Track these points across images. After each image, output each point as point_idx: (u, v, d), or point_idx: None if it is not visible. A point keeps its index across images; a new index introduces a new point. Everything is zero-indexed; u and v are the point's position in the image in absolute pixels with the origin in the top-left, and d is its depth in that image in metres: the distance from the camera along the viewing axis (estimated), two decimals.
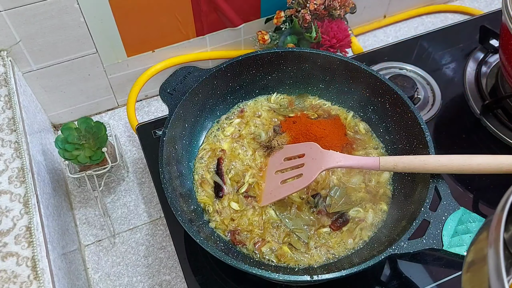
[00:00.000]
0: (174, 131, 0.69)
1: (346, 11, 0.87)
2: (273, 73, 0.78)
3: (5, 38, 0.75)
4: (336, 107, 0.79)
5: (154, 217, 0.84)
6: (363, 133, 0.76)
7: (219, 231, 0.67)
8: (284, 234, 0.66)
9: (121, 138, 0.93)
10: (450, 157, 0.58)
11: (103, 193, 0.86)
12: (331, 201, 0.67)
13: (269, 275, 0.55)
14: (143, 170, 0.89)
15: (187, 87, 0.71)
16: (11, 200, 0.62)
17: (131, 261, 0.79)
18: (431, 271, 0.68)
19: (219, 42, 0.95)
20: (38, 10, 0.73)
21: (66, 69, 0.85)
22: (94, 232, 0.82)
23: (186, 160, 0.72)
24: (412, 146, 0.69)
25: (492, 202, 0.76)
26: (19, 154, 0.66)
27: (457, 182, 0.78)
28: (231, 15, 0.89)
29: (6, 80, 0.74)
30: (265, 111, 0.79)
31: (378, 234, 0.66)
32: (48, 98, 0.89)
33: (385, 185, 0.71)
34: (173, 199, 0.60)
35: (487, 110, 0.81)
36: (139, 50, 0.88)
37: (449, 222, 0.58)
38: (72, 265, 0.71)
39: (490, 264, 0.35)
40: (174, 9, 0.83)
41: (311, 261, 0.64)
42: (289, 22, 0.87)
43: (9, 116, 0.70)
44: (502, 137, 0.79)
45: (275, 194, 0.67)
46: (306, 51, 0.75)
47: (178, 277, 0.77)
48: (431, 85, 0.89)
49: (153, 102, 0.99)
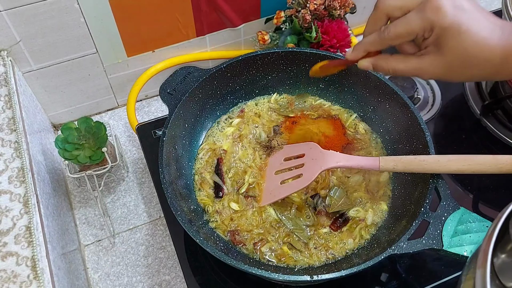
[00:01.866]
0: (174, 131, 0.69)
1: (346, 11, 0.87)
2: (273, 73, 0.78)
3: (5, 38, 0.75)
4: (336, 107, 0.79)
5: (154, 217, 0.84)
6: (363, 133, 0.76)
7: (219, 231, 0.67)
8: (284, 234, 0.66)
9: (121, 138, 0.93)
10: (450, 157, 0.58)
11: (103, 193, 0.86)
12: (330, 201, 0.67)
13: (269, 275, 0.55)
14: (143, 170, 0.89)
15: (187, 87, 0.71)
16: (11, 200, 0.62)
17: (131, 261, 0.79)
18: (431, 271, 0.68)
19: (219, 42, 0.95)
20: (38, 10, 0.73)
21: (66, 69, 0.85)
22: (94, 232, 0.82)
23: (186, 160, 0.72)
24: (412, 146, 0.69)
25: (492, 202, 0.76)
26: (19, 154, 0.66)
27: (457, 182, 0.78)
28: (231, 15, 0.89)
29: (6, 80, 0.74)
30: (265, 111, 0.79)
31: (378, 234, 0.66)
32: (48, 98, 0.89)
33: (385, 185, 0.71)
34: (173, 199, 0.60)
35: (487, 111, 0.81)
36: (139, 50, 0.88)
37: (449, 222, 0.58)
38: (72, 265, 0.71)
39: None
40: (174, 9, 0.83)
41: (311, 261, 0.64)
42: (289, 22, 0.87)
43: (9, 116, 0.70)
44: (502, 137, 0.79)
45: (275, 194, 0.67)
46: (306, 51, 0.75)
47: (178, 277, 0.77)
48: (431, 85, 0.89)
49: (153, 102, 0.99)
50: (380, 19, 0.50)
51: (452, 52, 0.46)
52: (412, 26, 0.47)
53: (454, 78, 0.49)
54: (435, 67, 0.48)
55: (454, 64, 0.47)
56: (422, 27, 0.47)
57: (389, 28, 0.49)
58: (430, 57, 0.48)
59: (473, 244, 0.56)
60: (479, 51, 0.45)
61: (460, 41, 0.45)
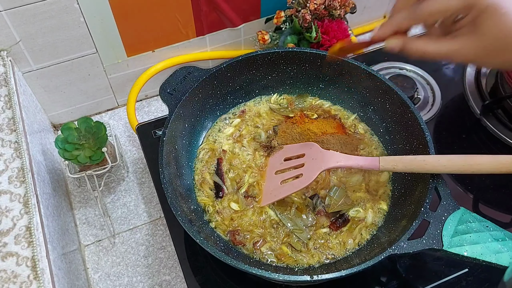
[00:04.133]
0: (174, 131, 0.69)
1: (346, 11, 0.87)
2: (273, 73, 0.78)
3: (5, 38, 0.75)
4: (336, 107, 0.79)
5: (154, 217, 0.84)
6: (363, 133, 0.76)
7: (219, 231, 0.67)
8: (283, 234, 0.66)
9: (121, 138, 0.93)
10: (450, 157, 0.58)
11: (103, 193, 0.86)
12: (330, 201, 0.67)
13: (269, 275, 0.55)
14: (143, 170, 0.89)
15: (187, 87, 0.71)
16: (11, 200, 0.62)
17: (131, 261, 0.79)
18: (431, 271, 0.68)
19: (219, 42, 0.95)
20: (38, 10, 0.73)
21: (66, 69, 0.85)
22: (94, 232, 0.82)
23: (186, 160, 0.72)
24: (412, 146, 0.69)
25: (492, 202, 0.76)
26: (19, 154, 0.66)
27: (457, 182, 0.78)
28: (231, 15, 0.89)
29: (6, 80, 0.74)
30: (265, 111, 0.79)
31: (378, 234, 0.66)
32: (48, 98, 0.89)
33: (385, 185, 0.71)
34: (173, 199, 0.60)
35: (487, 110, 0.81)
36: (139, 50, 0.88)
37: (449, 222, 0.58)
38: (72, 265, 0.71)
39: None
40: (174, 9, 0.83)
41: (311, 261, 0.64)
42: (289, 22, 0.87)
43: (9, 116, 0.70)
44: (502, 137, 0.79)
45: (275, 194, 0.67)
46: (306, 51, 0.75)
47: (178, 277, 0.77)
48: (431, 85, 0.89)
49: (153, 102, 0.99)
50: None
51: (489, 33, 0.45)
52: (450, 2, 0.46)
53: (488, 62, 0.47)
54: (469, 49, 0.46)
55: (490, 47, 0.45)
56: (461, 4, 0.45)
57: (424, 4, 0.47)
58: (465, 38, 0.46)
59: (473, 244, 0.56)
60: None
61: (498, 23, 0.44)
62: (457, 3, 0.45)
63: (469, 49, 0.46)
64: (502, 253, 0.55)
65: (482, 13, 0.44)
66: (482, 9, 0.44)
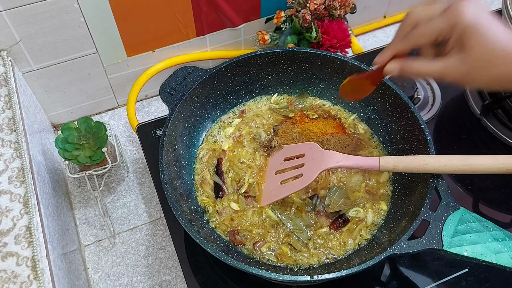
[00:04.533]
0: (174, 131, 0.69)
1: (346, 11, 0.87)
2: (273, 73, 0.78)
3: (5, 38, 0.75)
4: (336, 107, 0.79)
5: (154, 217, 0.84)
6: (363, 133, 0.76)
7: (219, 231, 0.67)
8: (283, 235, 0.66)
9: (121, 138, 0.93)
10: (450, 157, 0.58)
11: (103, 193, 0.86)
12: (330, 201, 0.67)
13: (269, 275, 0.55)
14: (143, 170, 0.89)
15: (187, 87, 0.71)
16: (11, 200, 0.62)
17: (131, 261, 0.79)
18: (431, 271, 0.68)
19: (219, 42, 0.95)
20: (38, 10, 0.73)
21: (66, 69, 0.85)
22: (94, 232, 0.82)
23: (186, 160, 0.72)
24: (412, 146, 0.69)
25: (492, 202, 0.76)
26: (19, 154, 0.66)
27: (457, 182, 0.78)
28: (231, 15, 0.89)
29: (6, 80, 0.74)
30: (265, 111, 0.79)
31: (378, 234, 0.66)
32: (48, 98, 0.89)
33: (385, 185, 0.71)
34: (173, 199, 0.60)
35: (487, 110, 0.81)
36: (139, 50, 0.88)
37: (449, 222, 0.58)
38: (72, 265, 0.71)
39: None
40: (174, 9, 0.83)
41: (311, 261, 0.64)
42: (289, 22, 0.87)
43: (9, 116, 0.70)
44: (502, 137, 0.79)
45: (275, 194, 0.67)
46: (306, 51, 0.75)
47: (178, 277, 0.77)
48: (431, 85, 0.89)
49: (153, 102, 0.99)
50: (408, 25, 0.53)
51: (473, 50, 0.47)
52: (435, 24, 0.49)
53: (477, 80, 0.50)
54: (459, 67, 0.49)
55: (476, 63, 0.48)
56: (444, 24, 0.48)
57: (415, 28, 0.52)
58: (453, 57, 0.49)
59: (473, 244, 0.56)
60: (500, 49, 0.47)
61: (480, 39, 0.47)
62: (441, 24, 0.49)
63: (458, 67, 0.49)
64: (502, 253, 0.55)
65: (464, 32, 0.47)
66: (463, 28, 0.47)
